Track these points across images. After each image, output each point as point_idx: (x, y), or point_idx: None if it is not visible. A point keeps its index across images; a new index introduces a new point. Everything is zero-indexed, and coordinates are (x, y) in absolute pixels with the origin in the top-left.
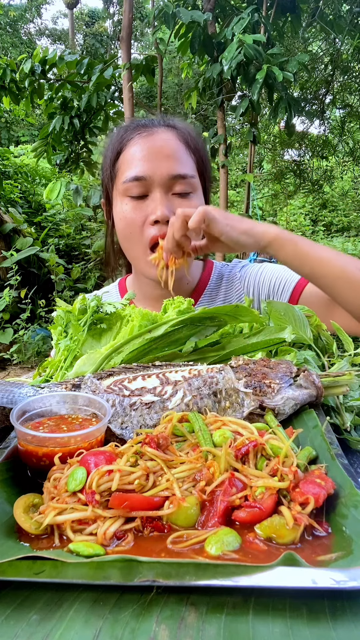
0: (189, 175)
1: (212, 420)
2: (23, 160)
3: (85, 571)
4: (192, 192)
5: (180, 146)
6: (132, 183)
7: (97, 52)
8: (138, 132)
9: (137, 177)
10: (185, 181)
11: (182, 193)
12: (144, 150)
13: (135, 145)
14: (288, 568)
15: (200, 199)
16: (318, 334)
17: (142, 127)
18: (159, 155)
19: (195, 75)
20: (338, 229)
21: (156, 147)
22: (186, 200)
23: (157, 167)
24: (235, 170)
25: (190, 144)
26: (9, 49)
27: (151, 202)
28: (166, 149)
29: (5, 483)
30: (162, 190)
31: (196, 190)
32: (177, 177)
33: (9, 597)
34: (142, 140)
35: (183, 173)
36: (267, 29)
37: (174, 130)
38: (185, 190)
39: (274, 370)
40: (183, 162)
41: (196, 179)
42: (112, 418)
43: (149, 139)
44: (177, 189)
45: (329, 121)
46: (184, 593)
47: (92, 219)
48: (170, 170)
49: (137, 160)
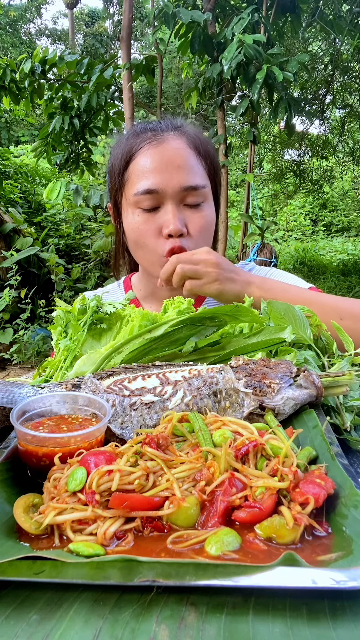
0: (201, 185)
1: (212, 420)
2: (23, 160)
3: (85, 571)
4: (203, 202)
5: (191, 154)
6: (144, 196)
7: (97, 52)
8: (148, 141)
9: (149, 190)
10: (196, 192)
11: (193, 204)
12: (155, 162)
13: (146, 156)
14: (288, 568)
15: (210, 207)
16: (318, 334)
17: (152, 132)
18: (169, 166)
19: (195, 75)
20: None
21: (167, 158)
22: (197, 210)
23: (169, 179)
24: (235, 170)
25: (200, 150)
26: (9, 49)
27: (163, 214)
28: (177, 159)
29: (5, 483)
30: (174, 202)
31: (207, 199)
32: (189, 189)
33: (9, 597)
34: (152, 151)
35: (195, 184)
36: (267, 29)
37: (184, 137)
38: (197, 202)
39: (274, 370)
40: (194, 171)
41: (207, 188)
42: (112, 418)
43: (159, 148)
44: (189, 200)
45: (329, 121)
46: (184, 593)
47: (92, 219)
48: (182, 182)
49: (148, 172)
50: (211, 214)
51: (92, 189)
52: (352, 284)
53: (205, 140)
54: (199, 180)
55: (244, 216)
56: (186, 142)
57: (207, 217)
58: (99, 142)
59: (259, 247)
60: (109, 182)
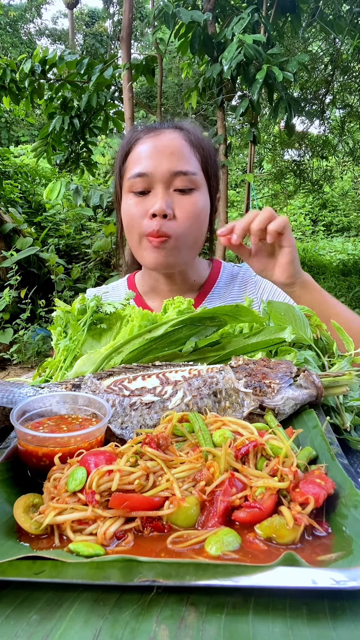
0: (190, 172)
1: (212, 420)
2: (23, 160)
3: (85, 571)
4: (194, 189)
5: (184, 144)
6: (136, 179)
7: (97, 52)
8: (147, 133)
9: (140, 174)
10: (186, 177)
11: (183, 189)
12: (149, 149)
13: (142, 145)
14: (288, 568)
15: (202, 195)
16: (318, 334)
17: (152, 129)
18: (162, 153)
19: (195, 75)
20: (338, 229)
21: (160, 146)
22: (187, 196)
23: (159, 164)
24: (235, 170)
25: (194, 144)
26: (9, 49)
27: (152, 197)
28: (170, 147)
29: (5, 483)
30: (163, 186)
31: (199, 187)
32: (178, 174)
33: (9, 597)
34: (148, 140)
35: (184, 170)
36: (267, 29)
37: (180, 131)
38: (186, 187)
39: (274, 370)
40: (185, 159)
41: (198, 176)
42: (112, 418)
43: (155, 138)
44: (177, 184)
45: (329, 121)
46: (184, 593)
47: (92, 219)
48: (172, 167)
49: (142, 159)
50: (201, 201)
51: (92, 189)
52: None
53: (201, 137)
54: (188, 167)
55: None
56: (181, 135)
57: (196, 203)
58: (99, 142)
59: None
60: (114, 177)
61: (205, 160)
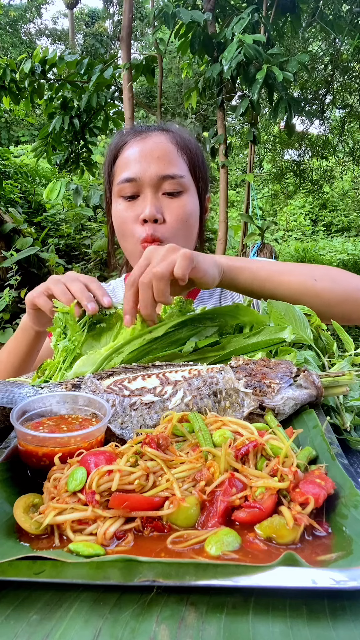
0: (178, 175)
1: (212, 420)
2: (23, 160)
3: (85, 571)
4: (182, 192)
5: (172, 147)
6: (125, 184)
7: (97, 52)
8: (133, 137)
9: (128, 179)
10: (174, 181)
11: (171, 192)
12: (136, 153)
13: (130, 149)
14: (288, 568)
15: (191, 198)
16: (318, 334)
17: (138, 132)
18: (149, 157)
19: (195, 75)
20: (338, 229)
21: (147, 150)
22: (176, 199)
23: (147, 168)
24: (235, 170)
25: (182, 146)
26: (9, 49)
27: (142, 202)
28: (156, 151)
29: (5, 483)
30: (152, 190)
31: (187, 189)
32: (166, 177)
33: (9, 597)
34: (135, 144)
35: (172, 173)
36: (267, 29)
37: (167, 134)
38: (175, 190)
39: (274, 370)
40: (173, 162)
41: (186, 179)
42: (112, 418)
43: (142, 142)
44: (166, 188)
45: (329, 121)
46: (184, 593)
47: (92, 219)
48: (159, 171)
49: (129, 163)
50: (190, 204)
51: (92, 189)
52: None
53: (188, 139)
54: (176, 170)
55: (244, 216)
56: (168, 138)
57: (185, 206)
58: (99, 142)
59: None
60: (104, 181)
61: (192, 162)
